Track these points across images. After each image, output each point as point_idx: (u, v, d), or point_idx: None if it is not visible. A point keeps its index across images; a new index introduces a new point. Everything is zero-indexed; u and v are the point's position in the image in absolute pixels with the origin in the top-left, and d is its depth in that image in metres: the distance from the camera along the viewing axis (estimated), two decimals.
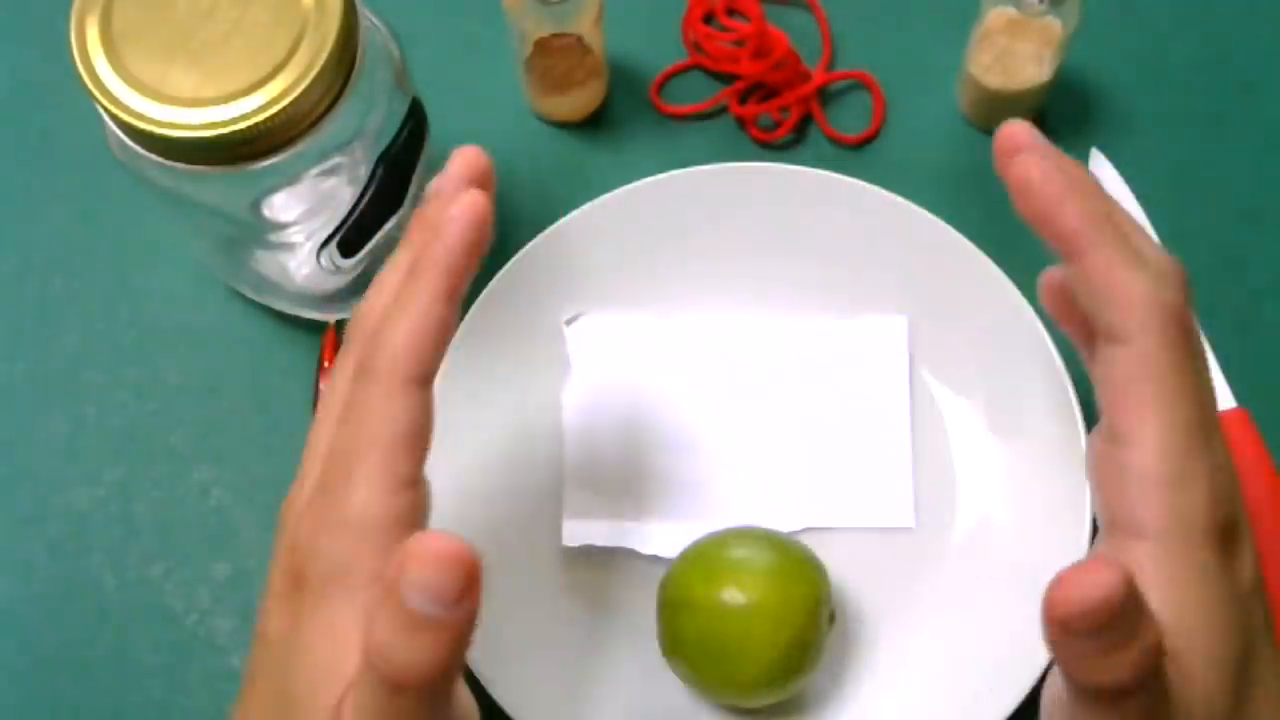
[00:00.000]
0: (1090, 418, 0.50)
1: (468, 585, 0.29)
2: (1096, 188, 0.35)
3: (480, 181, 0.37)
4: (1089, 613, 0.28)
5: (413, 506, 0.34)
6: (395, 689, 0.30)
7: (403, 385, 0.34)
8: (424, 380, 0.34)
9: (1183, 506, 0.32)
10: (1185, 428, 0.33)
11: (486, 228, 0.35)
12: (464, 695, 0.35)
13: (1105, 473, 0.34)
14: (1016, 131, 0.35)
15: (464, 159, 0.37)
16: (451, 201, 0.35)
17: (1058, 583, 0.28)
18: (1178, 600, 0.31)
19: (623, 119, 0.58)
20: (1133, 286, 0.33)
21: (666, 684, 0.48)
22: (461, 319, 0.51)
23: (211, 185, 0.43)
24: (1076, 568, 0.28)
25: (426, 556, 0.28)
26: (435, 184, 0.37)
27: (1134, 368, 0.33)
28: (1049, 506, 0.49)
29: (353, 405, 0.34)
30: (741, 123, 0.58)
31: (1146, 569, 0.32)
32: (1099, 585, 0.28)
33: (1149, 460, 0.32)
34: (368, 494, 0.33)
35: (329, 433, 0.35)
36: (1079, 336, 0.39)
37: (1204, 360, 0.34)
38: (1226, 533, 0.33)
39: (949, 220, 0.52)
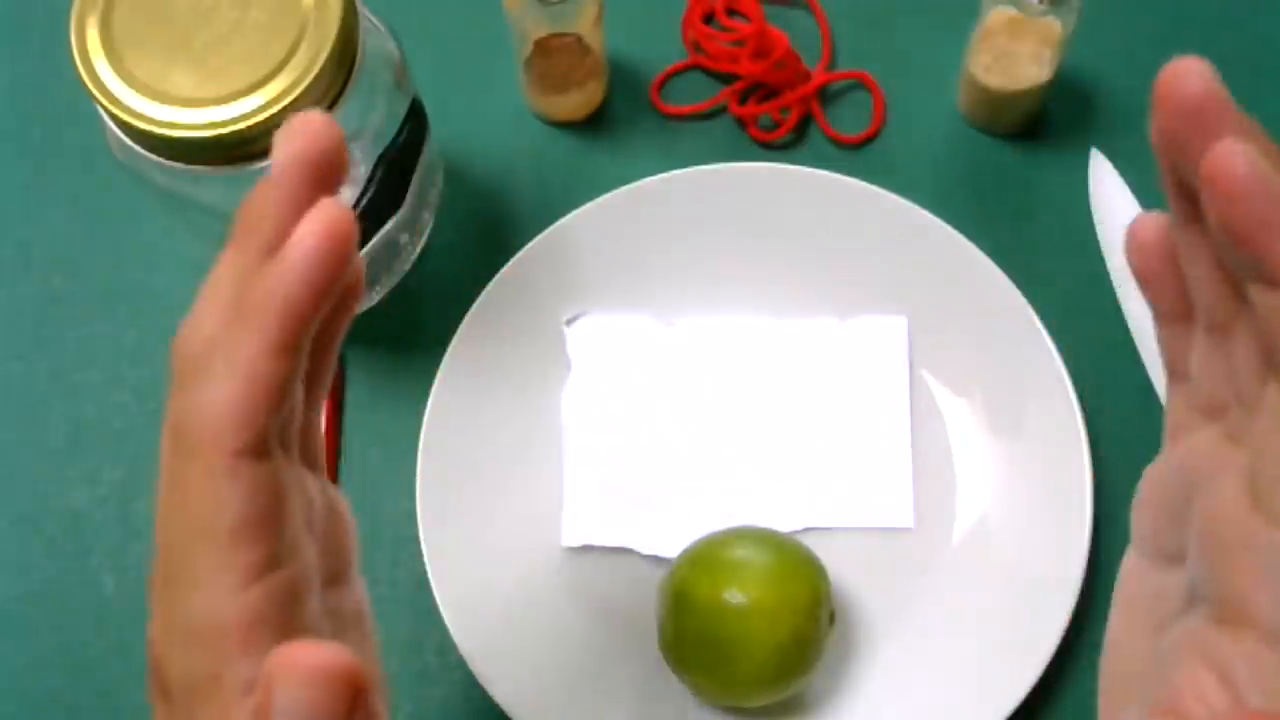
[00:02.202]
0: (1091, 418, 0.50)
1: (351, 705, 0.23)
2: None
3: (329, 166, 0.28)
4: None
5: (275, 595, 0.27)
6: None
7: (227, 461, 0.27)
8: (257, 451, 0.27)
9: None
10: None
11: (346, 255, 0.26)
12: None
13: (1235, 543, 0.26)
14: (1195, 72, 0.26)
15: (308, 127, 0.28)
16: (291, 202, 0.27)
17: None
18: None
19: (623, 119, 0.58)
20: None
21: (666, 684, 0.48)
22: (461, 319, 0.51)
23: (211, 185, 0.43)
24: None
25: (294, 676, 0.23)
26: (275, 162, 0.28)
27: None
28: (1049, 506, 0.49)
29: (172, 484, 0.28)
30: (741, 123, 0.58)
31: (1243, 665, 0.26)
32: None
33: None
34: (208, 598, 0.27)
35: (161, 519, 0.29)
36: (1166, 304, 0.29)
37: None
38: None
39: (949, 220, 0.52)
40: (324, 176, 0.28)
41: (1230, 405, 0.28)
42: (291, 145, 0.28)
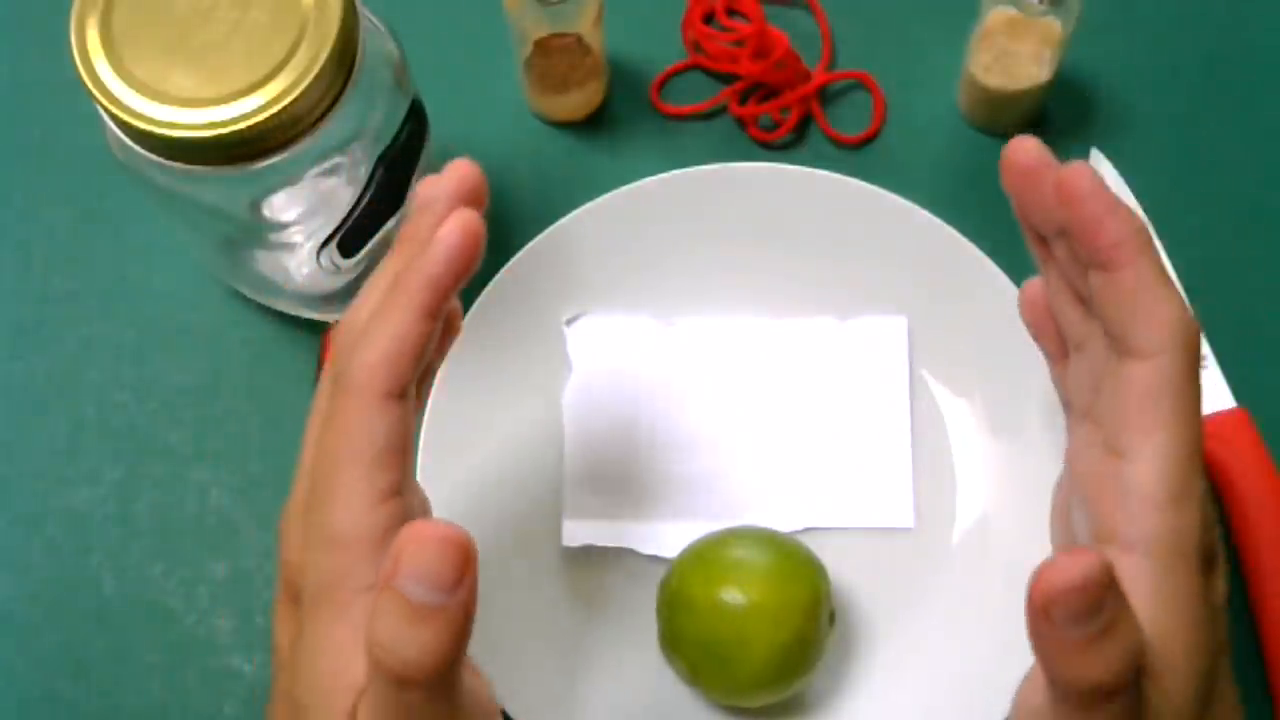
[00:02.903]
0: None
1: (464, 568, 0.29)
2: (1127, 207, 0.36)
3: (473, 198, 0.36)
4: (1069, 592, 0.28)
5: (397, 518, 0.33)
6: (403, 685, 0.30)
7: (378, 400, 0.34)
8: (400, 394, 0.34)
9: (1179, 525, 0.32)
10: (1189, 449, 0.33)
11: (477, 249, 0.35)
12: (478, 681, 0.35)
13: (1099, 485, 0.34)
14: (1029, 146, 0.36)
15: (457, 173, 0.36)
16: (443, 218, 0.35)
17: (1038, 571, 0.29)
18: (1162, 616, 0.32)
19: (623, 119, 0.58)
20: (1166, 305, 0.33)
21: (666, 684, 0.48)
22: (461, 319, 0.51)
23: (211, 185, 0.43)
24: (1057, 556, 0.29)
25: (421, 543, 0.29)
26: (424, 194, 0.37)
27: (1152, 383, 0.33)
28: (1049, 506, 0.49)
29: (331, 419, 0.34)
30: (741, 123, 0.58)
31: (1134, 583, 0.32)
32: (1079, 565, 0.28)
33: (1152, 477, 0.33)
34: (349, 510, 0.33)
35: (313, 446, 0.35)
36: (1052, 348, 0.40)
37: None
38: (1209, 554, 0.34)
39: (949, 220, 0.52)
40: (468, 203, 0.36)
41: (1094, 403, 0.36)
42: (442, 181, 0.36)
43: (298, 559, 0.34)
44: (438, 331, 0.35)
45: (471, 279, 0.36)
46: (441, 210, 0.36)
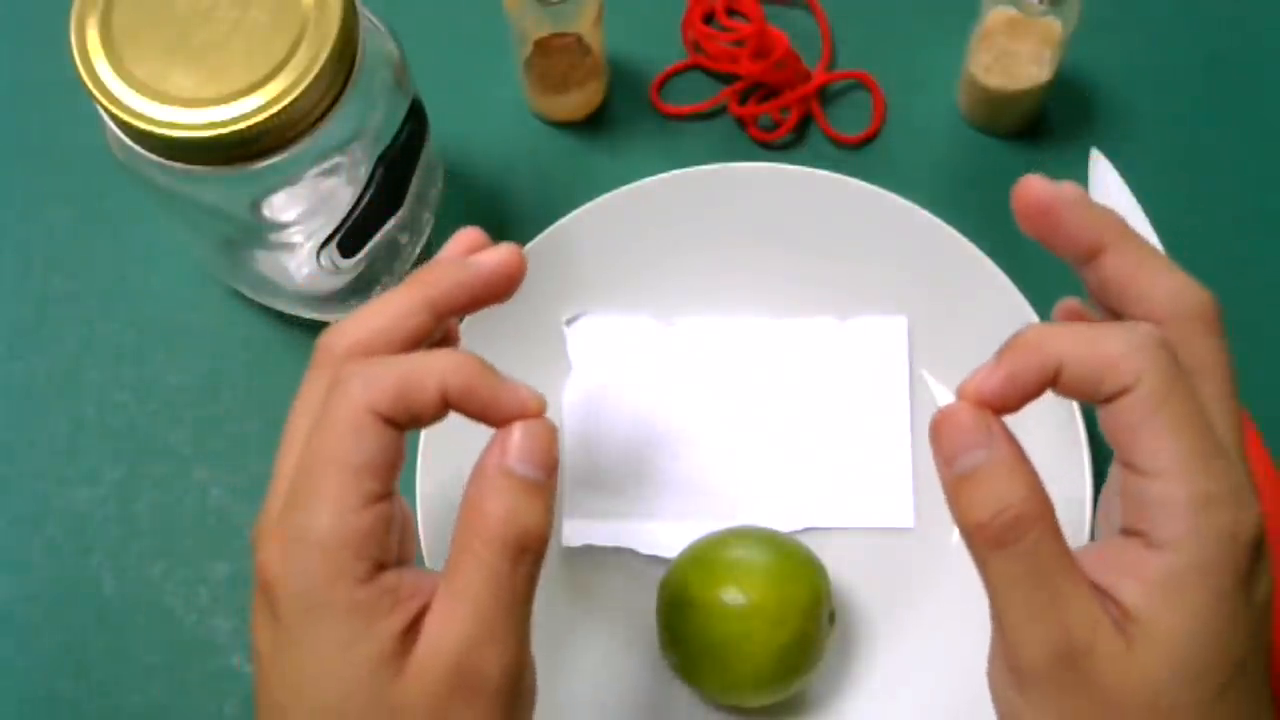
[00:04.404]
0: (1091, 418, 0.50)
1: (556, 454, 0.34)
2: (1124, 228, 0.35)
3: (512, 275, 0.38)
4: (939, 424, 0.33)
5: (384, 521, 0.33)
6: (522, 553, 0.33)
7: (373, 418, 0.33)
8: (395, 420, 0.34)
9: (1201, 529, 0.31)
10: (1206, 446, 0.32)
11: (512, 283, 0.37)
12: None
13: (1128, 498, 0.33)
14: (1035, 184, 0.35)
15: (506, 259, 0.38)
16: (485, 251, 0.37)
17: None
18: (1158, 597, 0.31)
19: (623, 119, 0.58)
20: (1164, 279, 0.33)
21: (666, 684, 0.48)
22: (461, 319, 0.51)
23: (211, 185, 0.43)
24: (953, 402, 0.34)
25: (530, 430, 0.33)
26: (469, 257, 0.38)
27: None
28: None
29: (325, 423, 0.34)
30: (741, 123, 0.58)
31: (1145, 568, 0.31)
32: (952, 408, 0.33)
33: (1169, 485, 0.31)
34: (335, 513, 0.33)
35: (298, 448, 0.34)
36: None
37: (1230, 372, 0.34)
38: (1249, 550, 0.32)
39: (949, 220, 0.52)
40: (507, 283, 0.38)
41: None
42: (493, 257, 0.37)
43: (277, 564, 0.33)
44: (434, 334, 0.35)
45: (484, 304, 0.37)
46: (475, 261, 0.37)
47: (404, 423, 0.34)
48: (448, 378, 0.34)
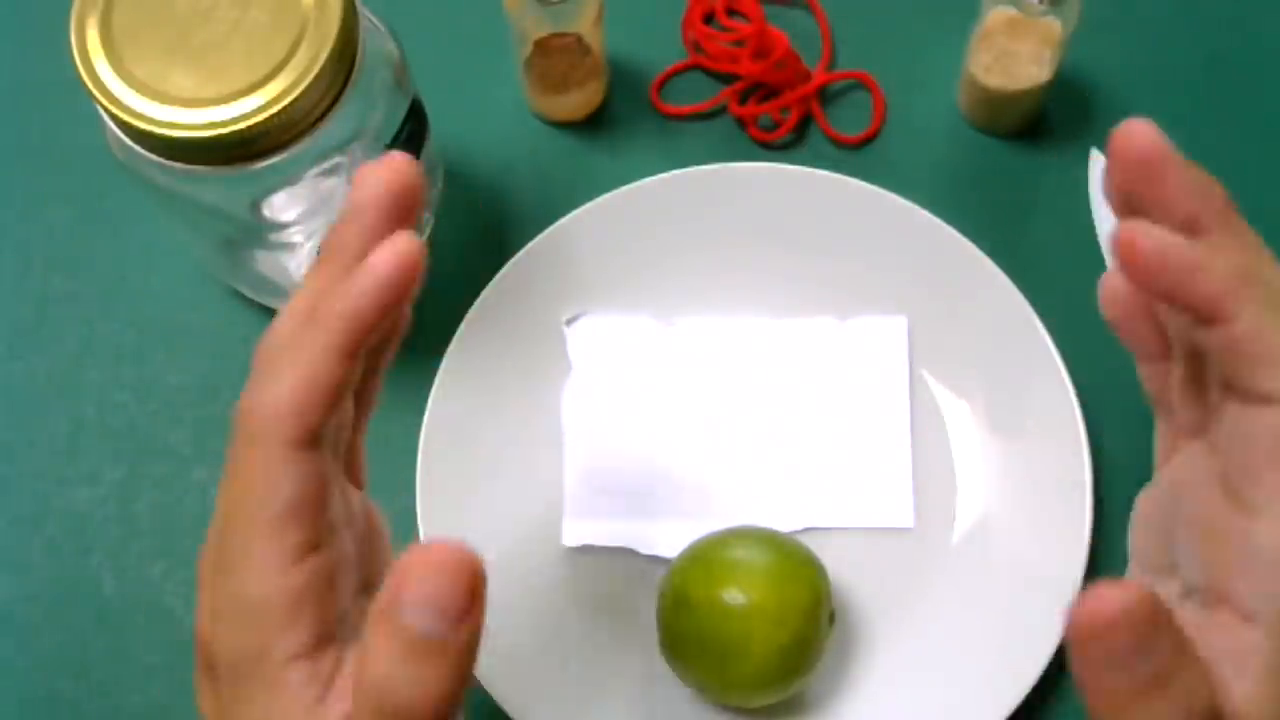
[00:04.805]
0: (1090, 418, 0.50)
1: (472, 597, 0.26)
2: (1227, 207, 0.31)
3: (405, 201, 0.31)
4: (1107, 626, 0.25)
5: (317, 575, 0.30)
6: None
7: (284, 450, 0.30)
8: (309, 443, 0.30)
9: None
10: None
11: (413, 280, 0.30)
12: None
13: (1217, 532, 0.30)
14: (1137, 134, 0.31)
15: (389, 168, 0.31)
16: (373, 230, 0.30)
17: (1079, 598, 0.26)
18: (1270, 704, 0.28)
19: (623, 119, 0.58)
20: None
21: (666, 684, 0.48)
22: (461, 319, 0.52)
23: (211, 185, 0.44)
24: (1098, 584, 0.26)
25: (427, 567, 0.26)
26: (355, 195, 0.31)
27: None
28: (1048, 506, 0.49)
29: (235, 471, 0.30)
30: (741, 123, 0.58)
31: (1244, 657, 0.28)
32: (1118, 597, 0.25)
33: None
34: (261, 574, 0.29)
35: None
36: (1145, 347, 0.34)
37: None
38: None
39: (949, 220, 0.52)
40: (402, 211, 0.31)
41: (1209, 423, 0.31)
42: (373, 181, 0.31)
43: (209, 629, 0.30)
44: (357, 371, 0.31)
45: (401, 337, 0.32)
46: (370, 221, 0.31)
47: (320, 429, 0.30)
48: (329, 333, 0.29)
